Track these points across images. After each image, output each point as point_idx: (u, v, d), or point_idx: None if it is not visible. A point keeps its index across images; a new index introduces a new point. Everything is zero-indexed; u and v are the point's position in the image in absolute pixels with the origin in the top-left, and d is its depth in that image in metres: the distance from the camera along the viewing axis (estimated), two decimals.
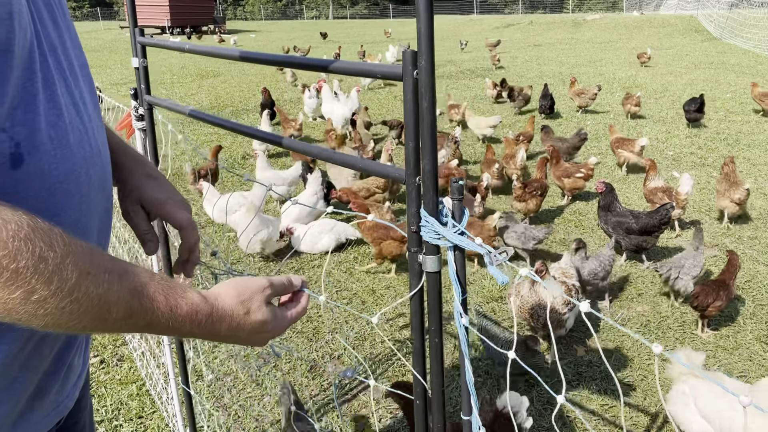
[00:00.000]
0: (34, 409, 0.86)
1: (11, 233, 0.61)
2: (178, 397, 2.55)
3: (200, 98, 12.31)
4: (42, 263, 0.63)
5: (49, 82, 0.79)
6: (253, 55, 1.31)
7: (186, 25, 35.88)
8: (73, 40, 0.91)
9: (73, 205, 0.82)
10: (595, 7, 48.89)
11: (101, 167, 0.90)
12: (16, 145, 0.72)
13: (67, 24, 0.91)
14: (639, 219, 4.44)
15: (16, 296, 0.62)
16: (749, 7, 22.55)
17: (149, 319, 0.74)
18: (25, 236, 0.62)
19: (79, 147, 0.83)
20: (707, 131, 8.52)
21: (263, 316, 0.87)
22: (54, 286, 0.64)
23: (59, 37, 0.86)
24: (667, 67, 15.15)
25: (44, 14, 0.83)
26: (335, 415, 2.94)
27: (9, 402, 0.80)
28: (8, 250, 0.61)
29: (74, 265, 0.66)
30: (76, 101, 0.85)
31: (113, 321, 0.70)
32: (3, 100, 0.70)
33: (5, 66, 0.69)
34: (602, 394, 3.07)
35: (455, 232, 0.78)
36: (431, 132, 0.79)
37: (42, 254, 0.63)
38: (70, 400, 0.97)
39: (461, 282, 0.83)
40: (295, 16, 70.86)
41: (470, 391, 0.91)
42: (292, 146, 1.25)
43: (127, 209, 1.12)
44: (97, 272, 0.68)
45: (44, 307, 0.64)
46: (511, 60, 18.15)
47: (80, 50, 0.95)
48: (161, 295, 0.75)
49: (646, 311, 3.89)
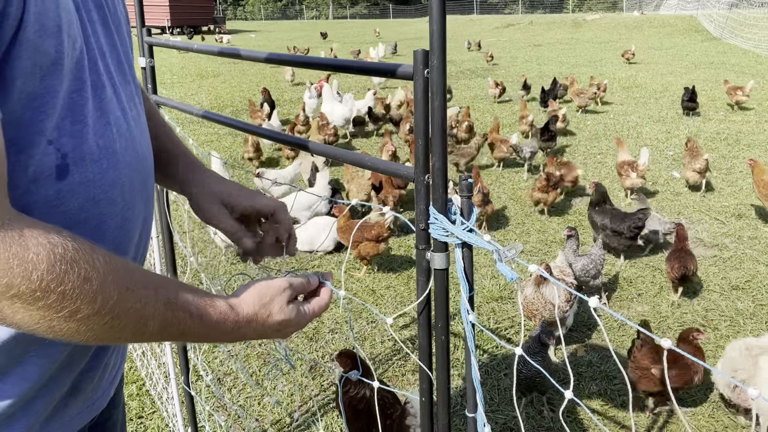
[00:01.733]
0: (68, 407, 0.87)
1: (58, 257, 0.63)
2: (178, 397, 2.55)
3: (200, 98, 12.31)
4: (87, 284, 0.65)
5: (98, 89, 0.79)
6: (260, 54, 1.31)
7: (186, 25, 35.87)
8: (122, 40, 0.90)
9: (117, 213, 0.82)
10: (595, 7, 48.90)
11: (145, 172, 0.90)
12: (63, 156, 0.72)
13: (118, 23, 0.90)
14: (614, 219, 4.53)
15: (61, 315, 0.64)
16: (749, 7, 22.57)
17: (182, 328, 0.77)
18: (71, 259, 0.64)
19: (125, 154, 0.83)
20: (707, 131, 8.53)
21: (285, 315, 0.89)
22: (98, 305, 0.66)
23: (109, 39, 0.85)
24: (667, 67, 15.16)
25: (94, 16, 0.82)
26: (335, 415, 2.94)
27: (44, 399, 0.81)
28: (56, 274, 0.62)
29: (115, 283, 0.68)
30: (123, 106, 0.85)
31: (150, 333, 0.74)
32: (52, 113, 0.70)
33: (55, 80, 0.70)
34: (602, 395, 3.07)
35: (464, 230, 0.78)
36: (441, 131, 0.79)
37: (87, 275, 0.65)
38: (105, 398, 0.98)
39: (469, 279, 0.84)
40: (295, 16, 70.85)
41: (476, 388, 0.91)
42: (318, 149, 1.22)
43: (207, 211, 1.10)
44: (135, 288, 0.71)
45: (87, 325, 0.67)
46: (511, 60, 18.16)
47: (129, 48, 0.94)
48: (192, 306, 0.78)
49: (646, 311, 3.90)
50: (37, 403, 0.80)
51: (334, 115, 8.75)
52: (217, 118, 1.58)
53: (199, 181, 1.12)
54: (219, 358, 3.45)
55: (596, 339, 3.57)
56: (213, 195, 1.10)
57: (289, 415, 2.97)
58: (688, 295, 4.06)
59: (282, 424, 2.93)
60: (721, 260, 4.59)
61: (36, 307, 0.63)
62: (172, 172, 1.14)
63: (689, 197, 5.99)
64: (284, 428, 2.90)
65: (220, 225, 1.10)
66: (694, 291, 4.12)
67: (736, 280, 4.24)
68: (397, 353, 3.46)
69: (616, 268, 4.48)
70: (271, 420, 2.94)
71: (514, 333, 3.69)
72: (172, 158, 1.14)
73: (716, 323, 3.72)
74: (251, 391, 3.18)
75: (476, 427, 0.96)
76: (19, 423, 0.78)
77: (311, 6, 72.88)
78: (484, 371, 3.27)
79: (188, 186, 1.12)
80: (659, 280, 4.29)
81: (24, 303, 0.62)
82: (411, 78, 0.82)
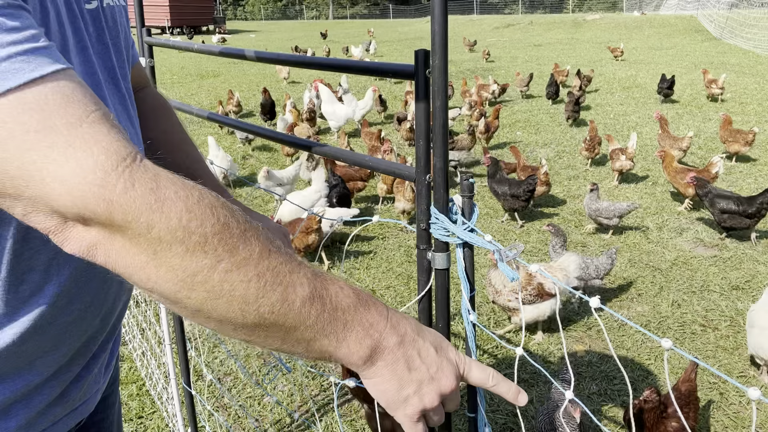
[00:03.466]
0: (48, 414, 0.86)
1: (196, 199, 0.60)
2: (178, 397, 2.55)
3: (200, 98, 12.31)
4: (227, 230, 0.60)
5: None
6: (263, 54, 1.31)
7: (186, 25, 35.89)
8: (118, 54, 0.90)
9: None
10: (595, 7, 48.90)
11: None
12: None
13: (115, 35, 0.89)
14: (511, 186, 5.30)
15: (205, 263, 0.59)
16: (749, 7, 22.57)
17: (335, 303, 0.66)
18: (209, 203, 0.61)
19: None
20: (707, 131, 8.53)
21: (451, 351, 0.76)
22: (240, 256, 0.61)
23: (103, 52, 0.85)
24: (667, 67, 15.15)
25: (90, 29, 0.81)
26: (336, 415, 2.94)
27: (29, 409, 0.81)
28: (195, 214, 0.59)
29: (256, 238, 0.63)
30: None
31: (299, 303, 0.63)
32: None
33: None
34: (602, 395, 3.07)
35: (465, 229, 0.78)
36: (443, 130, 0.79)
37: (227, 221, 0.61)
38: (91, 404, 0.97)
39: (470, 279, 0.83)
40: (295, 16, 70.86)
41: (476, 388, 0.91)
42: (324, 152, 1.21)
43: None
44: (276, 250, 0.65)
45: (230, 280, 0.60)
46: (511, 60, 18.16)
47: (126, 61, 0.93)
48: (339, 282, 0.69)
49: (646, 311, 3.90)
50: (23, 412, 0.80)
51: (336, 116, 8.73)
52: (218, 119, 1.58)
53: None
54: (219, 358, 3.45)
55: (596, 339, 3.57)
56: None
57: (289, 415, 2.97)
58: (687, 295, 4.06)
59: (282, 424, 2.93)
60: (721, 260, 4.59)
61: (175, 252, 0.58)
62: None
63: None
64: (284, 428, 2.90)
65: None
66: (693, 291, 4.12)
67: (736, 280, 4.24)
68: None
69: (615, 268, 4.48)
70: (271, 420, 2.94)
71: (514, 333, 3.69)
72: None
73: (716, 323, 3.72)
74: (251, 391, 3.18)
75: (476, 427, 0.96)
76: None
77: (311, 6, 72.88)
78: None
79: None
80: (659, 280, 4.29)
81: (165, 247, 0.57)
82: (412, 78, 0.82)
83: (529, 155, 7.68)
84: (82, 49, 0.79)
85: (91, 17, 0.81)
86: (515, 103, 11.17)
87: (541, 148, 8.04)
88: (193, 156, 1.15)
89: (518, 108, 10.72)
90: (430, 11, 0.78)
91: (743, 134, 6.85)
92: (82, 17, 0.79)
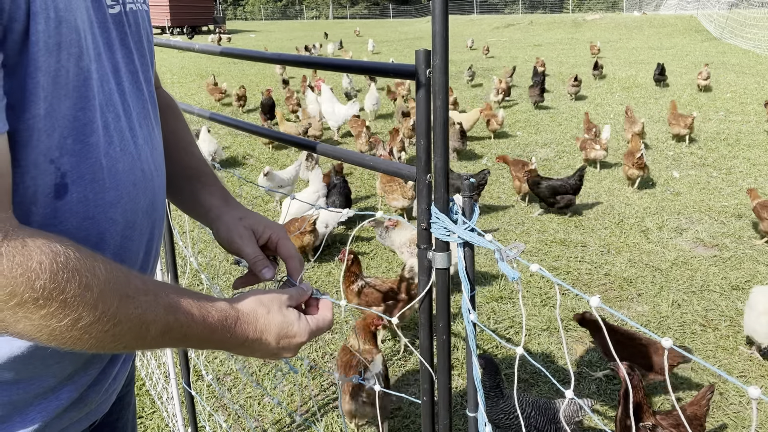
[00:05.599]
0: (64, 418, 0.86)
1: (61, 265, 0.63)
2: (178, 397, 2.55)
3: (200, 98, 12.30)
4: (88, 292, 0.65)
5: (105, 107, 0.78)
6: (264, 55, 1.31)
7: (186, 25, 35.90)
8: (142, 58, 0.90)
9: (117, 233, 0.82)
10: (595, 7, 48.90)
11: (152, 192, 0.89)
12: (62, 175, 0.72)
13: (138, 39, 0.89)
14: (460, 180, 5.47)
15: (64, 324, 0.64)
16: (749, 7, 22.56)
17: (185, 331, 0.76)
18: (72, 267, 0.64)
19: (129, 174, 0.82)
20: (707, 131, 8.53)
21: (284, 316, 0.88)
22: (98, 312, 0.66)
23: (126, 57, 0.85)
24: (667, 67, 15.15)
25: (113, 34, 0.82)
26: (336, 414, 2.94)
27: (46, 413, 0.81)
28: (57, 282, 0.63)
29: (116, 290, 0.68)
30: (133, 125, 0.85)
31: (151, 338, 0.73)
32: (54, 132, 0.70)
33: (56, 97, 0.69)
34: (602, 395, 3.07)
35: (466, 229, 0.78)
36: (443, 130, 0.79)
37: (88, 283, 0.65)
38: (106, 405, 0.98)
39: (470, 279, 0.84)
40: (295, 16, 70.86)
41: (477, 387, 0.91)
42: (323, 150, 1.21)
43: (232, 236, 1.05)
44: (135, 294, 0.71)
45: (89, 332, 0.67)
46: (510, 60, 18.15)
47: (150, 65, 0.93)
48: (194, 307, 0.77)
49: (646, 311, 3.90)
50: (36, 414, 0.80)
51: (335, 115, 8.74)
52: (219, 119, 1.58)
53: (237, 209, 1.09)
54: (219, 358, 3.45)
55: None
56: (242, 220, 1.07)
57: (289, 415, 2.97)
58: (687, 295, 4.06)
59: (282, 424, 2.93)
60: (721, 260, 4.59)
61: (39, 315, 0.63)
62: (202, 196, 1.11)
63: (689, 197, 6.00)
64: (284, 428, 2.90)
65: (236, 249, 1.04)
66: (693, 291, 4.12)
67: (736, 280, 4.24)
68: (397, 353, 3.46)
69: (615, 268, 4.49)
70: (271, 420, 2.94)
71: (514, 333, 3.69)
72: (207, 186, 1.12)
73: (716, 323, 3.72)
74: (251, 391, 3.18)
75: (477, 426, 0.96)
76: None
77: (311, 6, 72.89)
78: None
79: (209, 209, 1.09)
80: (659, 280, 4.29)
81: (27, 312, 0.62)
82: (413, 78, 0.82)
83: (529, 155, 7.68)
84: (111, 52, 0.80)
85: (114, 21, 0.82)
86: (515, 103, 11.17)
87: (541, 148, 8.04)
88: (198, 156, 1.16)
89: (518, 108, 10.72)
90: (429, 11, 0.78)
91: (684, 118, 7.84)
92: (108, 21, 0.80)
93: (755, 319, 3.25)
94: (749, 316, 3.31)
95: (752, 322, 3.28)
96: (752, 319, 3.28)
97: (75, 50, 0.71)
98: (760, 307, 3.24)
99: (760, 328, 3.22)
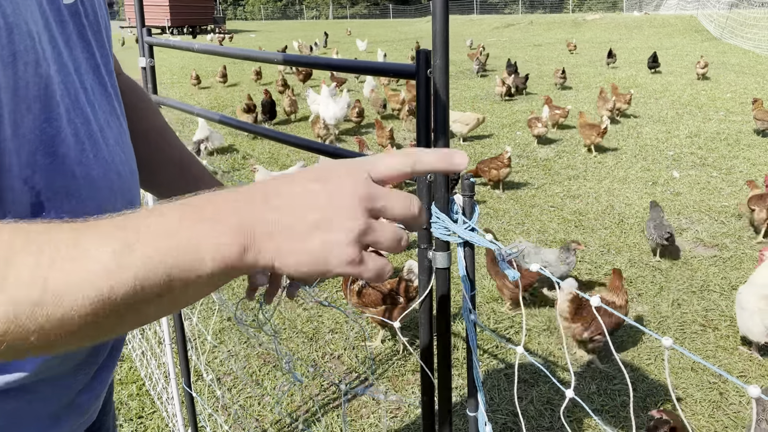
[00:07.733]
0: (61, 424, 0.84)
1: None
2: (178, 397, 2.55)
3: (200, 98, 12.31)
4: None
5: (72, 113, 0.71)
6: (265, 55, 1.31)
7: (186, 25, 35.93)
8: (101, 49, 0.82)
9: None
10: (595, 7, 48.90)
11: (129, 193, 0.83)
12: (37, 194, 0.66)
13: (97, 30, 0.82)
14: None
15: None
16: (749, 7, 22.56)
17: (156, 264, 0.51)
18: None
19: (105, 179, 0.75)
20: (707, 131, 8.53)
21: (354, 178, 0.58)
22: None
23: (86, 51, 0.78)
24: (667, 67, 15.16)
25: (69, 28, 0.74)
26: (335, 414, 2.94)
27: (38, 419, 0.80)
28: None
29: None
30: (101, 125, 0.77)
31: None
32: (21, 151, 0.63)
33: (17, 113, 0.62)
34: (602, 395, 3.07)
35: (466, 228, 0.78)
36: (444, 130, 0.79)
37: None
38: (95, 412, 0.97)
39: (471, 279, 0.84)
40: (295, 16, 70.89)
41: (477, 386, 0.91)
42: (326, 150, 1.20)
43: None
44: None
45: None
46: None
47: (109, 56, 0.86)
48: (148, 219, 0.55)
49: (646, 311, 3.90)
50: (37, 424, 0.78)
51: (327, 114, 8.80)
52: (219, 119, 1.57)
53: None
54: (219, 359, 3.45)
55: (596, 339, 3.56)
56: None
57: (289, 415, 2.97)
58: (687, 295, 4.06)
59: (282, 424, 2.93)
60: (721, 260, 4.59)
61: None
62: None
63: (689, 197, 6.00)
64: (284, 428, 2.90)
65: None
66: (693, 291, 4.12)
67: (736, 280, 4.24)
68: (397, 353, 3.46)
69: None
70: (271, 420, 2.94)
71: (514, 333, 3.69)
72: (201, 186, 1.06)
73: (716, 323, 3.72)
74: (251, 391, 3.18)
75: (477, 426, 0.96)
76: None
77: (311, 6, 72.90)
78: (484, 371, 3.27)
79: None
80: (659, 280, 4.29)
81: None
82: (413, 77, 0.82)
83: (529, 155, 7.68)
84: (69, 49, 0.72)
85: (70, 13, 0.74)
86: (515, 103, 11.17)
87: (541, 148, 8.04)
88: (180, 144, 1.10)
89: (518, 108, 10.71)
90: (429, 11, 0.78)
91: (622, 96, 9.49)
92: (64, 13, 0.73)
93: (748, 318, 3.28)
94: (741, 316, 3.34)
95: (745, 322, 3.31)
96: (745, 319, 3.31)
97: (31, 57, 0.63)
98: (751, 306, 3.27)
99: (754, 327, 3.25)
